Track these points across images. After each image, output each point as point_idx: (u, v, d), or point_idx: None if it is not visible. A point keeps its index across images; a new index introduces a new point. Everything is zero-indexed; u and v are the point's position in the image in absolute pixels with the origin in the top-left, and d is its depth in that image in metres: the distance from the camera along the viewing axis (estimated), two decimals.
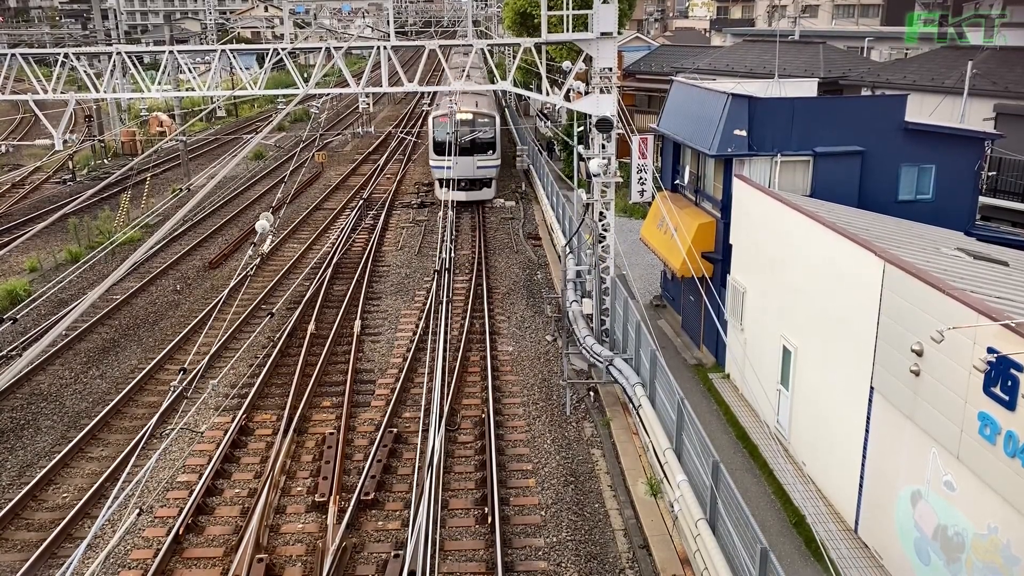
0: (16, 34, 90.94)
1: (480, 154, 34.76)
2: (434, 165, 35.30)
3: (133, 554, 13.51)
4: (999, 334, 9.74)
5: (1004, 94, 26.74)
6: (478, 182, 35.31)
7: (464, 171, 34.27)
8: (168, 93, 26.68)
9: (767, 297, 17.11)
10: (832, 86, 31.72)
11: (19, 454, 16.70)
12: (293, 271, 27.30)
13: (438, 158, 34.23)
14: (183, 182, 36.92)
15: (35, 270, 27.55)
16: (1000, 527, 10.03)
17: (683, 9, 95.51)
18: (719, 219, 19.58)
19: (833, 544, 13.29)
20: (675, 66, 39.45)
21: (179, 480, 15.61)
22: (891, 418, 12.34)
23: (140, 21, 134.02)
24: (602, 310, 19.16)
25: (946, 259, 14.14)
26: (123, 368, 20.54)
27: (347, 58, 18.99)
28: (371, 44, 19.04)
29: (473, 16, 65.95)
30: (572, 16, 17.97)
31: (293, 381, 19.13)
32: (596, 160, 18.23)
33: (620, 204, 26.52)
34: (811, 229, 14.92)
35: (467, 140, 34.12)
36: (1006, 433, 9.70)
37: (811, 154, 18.73)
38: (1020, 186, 24.96)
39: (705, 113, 20.04)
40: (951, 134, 19.50)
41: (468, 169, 34.57)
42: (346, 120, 59.86)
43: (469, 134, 34.33)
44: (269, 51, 19.02)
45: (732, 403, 18.09)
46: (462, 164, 33.31)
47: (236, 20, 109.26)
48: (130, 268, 11.38)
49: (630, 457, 16.10)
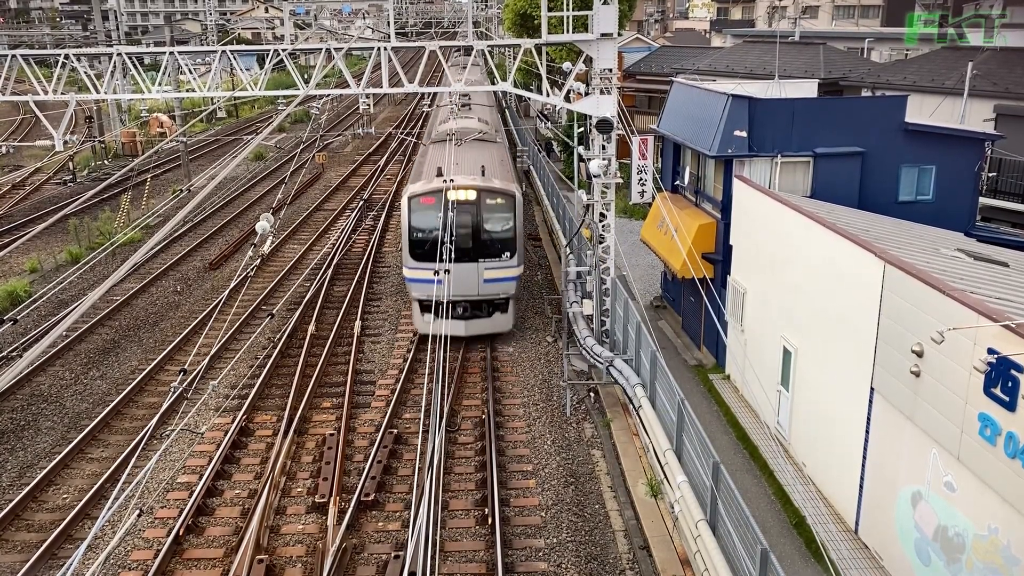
0: (16, 35, 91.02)
1: (491, 258, 20.88)
2: (410, 277, 21.04)
3: (133, 555, 13.51)
4: (999, 335, 9.73)
5: (1004, 95, 26.73)
6: (486, 304, 21.31)
7: (463, 286, 20.42)
8: (168, 94, 26.66)
9: (767, 298, 17.11)
10: (832, 87, 31.71)
11: (19, 455, 16.70)
12: (293, 272, 27.30)
13: (418, 265, 20.65)
14: (183, 183, 36.92)
15: (35, 271, 27.56)
16: (1000, 528, 10.03)
17: (683, 10, 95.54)
18: (719, 220, 19.58)
19: (833, 545, 13.28)
20: (675, 67, 39.47)
21: (179, 481, 15.60)
22: (891, 419, 12.33)
23: (140, 22, 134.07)
24: (602, 311, 19.15)
25: (946, 260, 14.13)
26: (123, 369, 20.54)
27: (347, 59, 18.98)
28: (371, 45, 19.04)
29: (473, 17, 65.99)
30: (572, 17, 17.96)
31: (293, 382, 19.12)
32: (596, 161, 18.23)
33: (620, 205, 26.54)
34: (811, 230, 14.92)
35: (467, 234, 20.70)
36: (1006, 434, 9.70)
37: (811, 155, 18.73)
38: (1020, 187, 24.96)
39: (705, 114, 20.04)
40: (951, 135, 19.50)
41: (469, 283, 20.68)
42: (346, 121, 59.87)
43: (470, 226, 20.77)
44: (269, 52, 19.02)
45: (732, 404, 18.08)
46: (460, 275, 19.93)
47: (236, 21, 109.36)
48: (130, 269, 11.39)
49: (630, 458, 16.09)
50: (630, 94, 41.59)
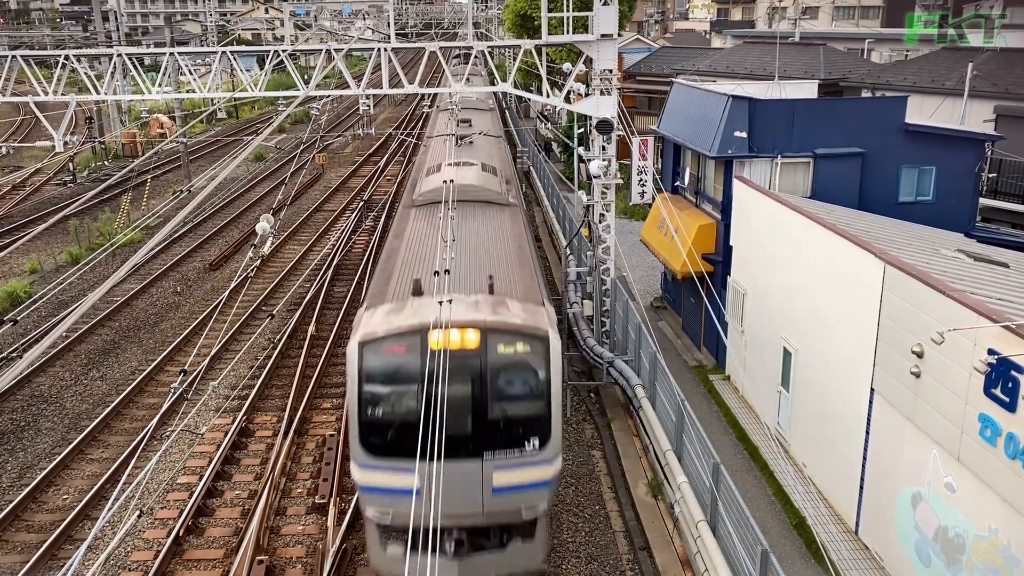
0: (17, 36, 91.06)
1: (505, 450, 11.25)
2: (365, 484, 11.42)
3: (133, 556, 13.50)
4: (999, 335, 9.74)
5: (1004, 96, 26.74)
6: (497, 531, 11.65)
7: (457, 500, 10.67)
8: (169, 95, 26.64)
9: (767, 298, 17.10)
10: (832, 88, 31.71)
11: (19, 456, 16.70)
12: (293, 273, 27.29)
13: (377, 463, 11.25)
14: (183, 184, 36.93)
15: (35, 272, 27.55)
16: (1001, 528, 10.03)
17: (683, 11, 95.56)
18: (719, 220, 19.58)
19: (834, 546, 13.28)
20: (675, 68, 39.48)
21: (179, 482, 15.60)
22: (891, 419, 12.33)
23: (141, 23, 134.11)
24: (602, 311, 19.15)
25: (946, 260, 14.13)
26: (123, 370, 20.54)
27: (347, 60, 18.97)
28: (371, 46, 19.04)
29: (473, 18, 66.04)
30: (572, 18, 17.97)
31: (293, 383, 19.12)
32: (596, 162, 18.24)
33: (620, 206, 26.55)
34: (811, 230, 14.92)
35: (463, 409, 11.04)
36: (1007, 435, 9.70)
37: (811, 155, 18.74)
38: (1020, 188, 24.97)
39: (705, 115, 20.04)
40: (951, 136, 19.51)
41: (467, 494, 11.16)
42: (347, 122, 59.88)
43: (469, 395, 11.10)
44: (270, 53, 19.03)
45: (733, 404, 18.08)
46: (453, 481, 9.77)
47: (237, 22, 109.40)
48: (130, 270, 11.38)
49: (631, 459, 16.08)
50: (630, 95, 41.60)
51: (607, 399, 18.34)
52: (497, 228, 15.10)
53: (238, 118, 62.16)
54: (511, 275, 12.89)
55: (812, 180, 18.91)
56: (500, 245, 14.25)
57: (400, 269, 13.22)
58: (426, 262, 13.16)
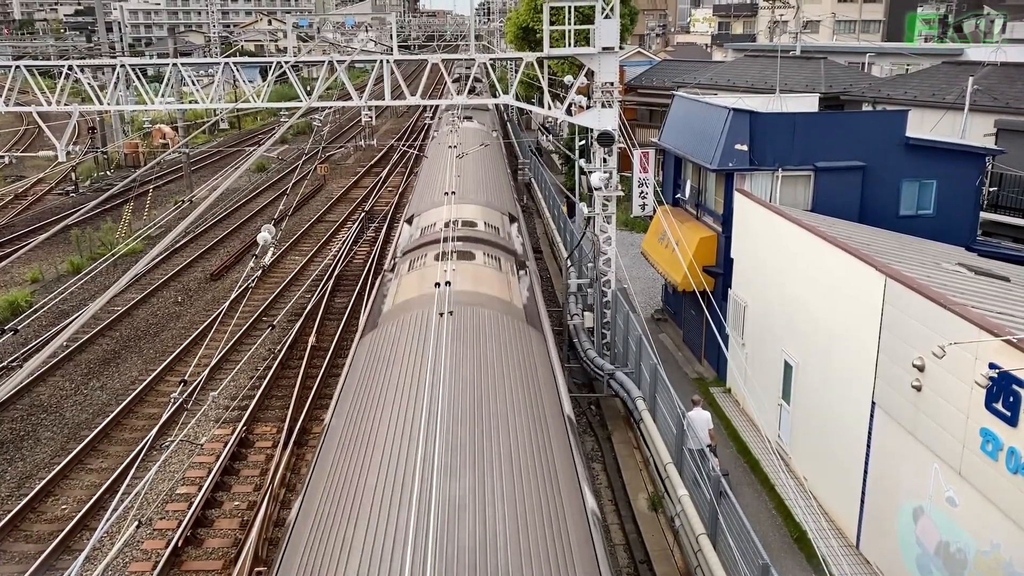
0: (21, 46, 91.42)
1: None
2: None
3: (132, 566, 13.45)
4: (1001, 349, 9.72)
5: (1005, 110, 26.78)
6: None
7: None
8: (171, 105, 26.69)
9: (768, 311, 17.09)
10: (833, 101, 31.78)
11: (18, 465, 16.66)
12: (294, 283, 27.30)
13: None
14: (185, 194, 37.00)
15: (37, 281, 27.58)
16: (1003, 544, 9.98)
17: (685, 24, 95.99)
18: (720, 233, 19.59)
19: (835, 560, 13.22)
20: (677, 81, 39.56)
21: (178, 492, 15.55)
22: (893, 433, 12.30)
23: (144, 34, 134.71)
24: (603, 323, 19.14)
25: (947, 274, 14.13)
26: (123, 380, 20.52)
27: (350, 71, 19.02)
28: (374, 58, 19.10)
29: (475, 31, 66.28)
30: (574, 31, 18.03)
31: (293, 393, 19.09)
32: (598, 174, 18.27)
33: (621, 218, 26.58)
34: (812, 244, 14.92)
35: None
36: (1008, 449, 9.67)
37: (812, 169, 18.76)
38: (1021, 202, 24.97)
39: (706, 128, 20.09)
40: (952, 149, 19.52)
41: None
42: (348, 133, 60.04)
43: None
44: (272, 64, 19.09)
45: (733, 417, 18.04)
46: None
47: (240, 33, 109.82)
48: (131, 280, 11.40)
49: (631, 471, 16.04)
50: (631, 107, 41.70)
51: (608, 411, 18.30)
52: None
53: (240, 129, 62.32)
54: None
55: (813, 193, 18.93)
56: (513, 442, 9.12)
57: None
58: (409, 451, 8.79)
